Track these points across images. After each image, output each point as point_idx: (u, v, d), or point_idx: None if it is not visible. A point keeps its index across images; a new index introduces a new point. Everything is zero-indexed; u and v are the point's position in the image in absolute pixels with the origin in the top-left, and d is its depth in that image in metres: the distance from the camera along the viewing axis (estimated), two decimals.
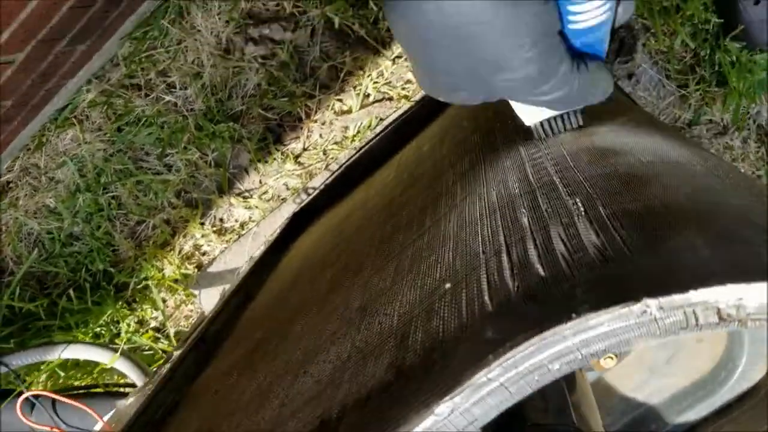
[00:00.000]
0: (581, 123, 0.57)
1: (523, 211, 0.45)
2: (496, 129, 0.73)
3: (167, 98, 1.36)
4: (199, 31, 1.32)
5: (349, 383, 0.42)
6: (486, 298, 0.37)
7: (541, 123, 0.58)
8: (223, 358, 0.82)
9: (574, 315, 0.29)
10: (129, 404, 0.85)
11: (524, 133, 0.64)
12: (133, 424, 0.77)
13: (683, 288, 0.28)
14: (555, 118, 0.57)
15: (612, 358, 0.93)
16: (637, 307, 0.28)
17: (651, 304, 0.29)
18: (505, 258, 0.40)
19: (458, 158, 0.74)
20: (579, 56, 0.50)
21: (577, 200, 0.42)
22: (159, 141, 1.38)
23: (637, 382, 0.96)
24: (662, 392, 0.95)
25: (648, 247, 0.33)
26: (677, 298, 0.28)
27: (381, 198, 0.92)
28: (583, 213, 0.40)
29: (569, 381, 0.80)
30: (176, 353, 0.87)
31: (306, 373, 0.51)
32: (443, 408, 0.30)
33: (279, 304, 0.84)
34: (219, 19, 1.31)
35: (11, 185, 1.46)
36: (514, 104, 0.58)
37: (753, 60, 1.28)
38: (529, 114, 0.58)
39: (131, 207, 1.43)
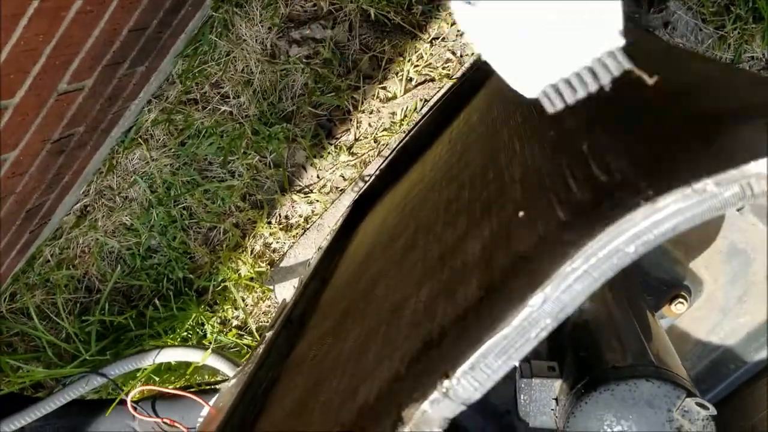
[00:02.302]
0: (629, 67, 0.37)
1: (584, 142, 0.49)
2: None
3: (223, 108, 1.44)
4: (244, 40, 1.39)
5: (444, 311, 0.47)
6: (559, 212, 0.42)
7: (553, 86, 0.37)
8: (312, 332, 0.88)
9: (642, 201, 0.34)
10: (231, 385, 0.92)
11: None
12: (239, 401, 0.84)
13: (737, 164, 0.32)
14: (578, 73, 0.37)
15: (683, 303, 0.96)
16: (698, 186, 0.33)
17: (709, 181, 0.32)
18: (570, 179, 0.45)
19: (509, 116, 0.79)
20: None
21: (635, 119, 0.46)
22: (220, 150, 1.46)
23: (711, 324, 0.98)
24: (738, 332, 0.97)
25: (702, 144, 0.37)
26: (731, 174, 0.32)
27: (438, 170, 0.97)
28: (641, 131, 0.44)
29: (644, 328, 0.83)
30: (268, 335, 0.94)
31: (400, 318, 0.56)
32: (536, 299, 0.35)
33: (356, 278, 0.89)
34: (262, 26, 1.38)
35: (89, 208, 1.56)
36: (506, 77, 0.37)
37: None
38: (529, 80, 0.37)
39: (202, 215, 1.51)
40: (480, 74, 1.27)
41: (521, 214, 0.47)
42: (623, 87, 0.60)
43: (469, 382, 0.36)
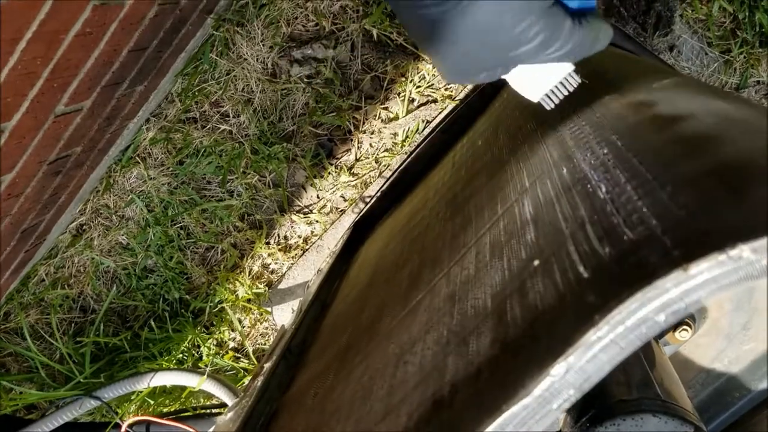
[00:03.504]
0: (579, 81, 0.66)
1: (601, 185, 0.47)
2: (552, 113, 0.75)
3: (222, 127, 1.42)
4: (245, 59, 1.37)
5: (455, 364, 0.44)
6: (580, 267, 0.39)
7: (546, 95, 0.66)
8: (312, 364, 0.85)
9: (673, 268, 0.32)
10: (228, 419, 0.90)
11: (581, 110, 0.66)
12: None
13: None
14: (555, 87, 0.65)
15: (687, 330, 0.94)
16: (733, 252, 0.30)
17: (745, 248, 0.30)
18: (589, 228, 0.43)
19: (518, 146, 0.77)
20: (577, 14, 0.57)
21: (655, 165, 0.44)
22: (219, 169, 1.44)
23: (715, 352, 0.96)
24: (742, 360, 0.95)
25: (732, 199, 0.35)
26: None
27: (441, 196, 0.95)
28: (662, 178, 0.42)
29: (648, 356, 0.81)
30: (266, 365, 0.91)
31: (406, 363, 0.54)
32: (558, 369, 0.33)
33: (358, 307, 0.87)
34: (263, 45, 1.36)
35: (84, 227, 1.54)
36: (516, 86, 0.66)
37: None
38: (532, 91, 0.66)
39: (199, 235, 1.49)
40: (483, 96, 1.26)
41: (536, 263, 0.45)
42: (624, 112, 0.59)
43: None
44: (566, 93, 0.66)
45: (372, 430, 0.48)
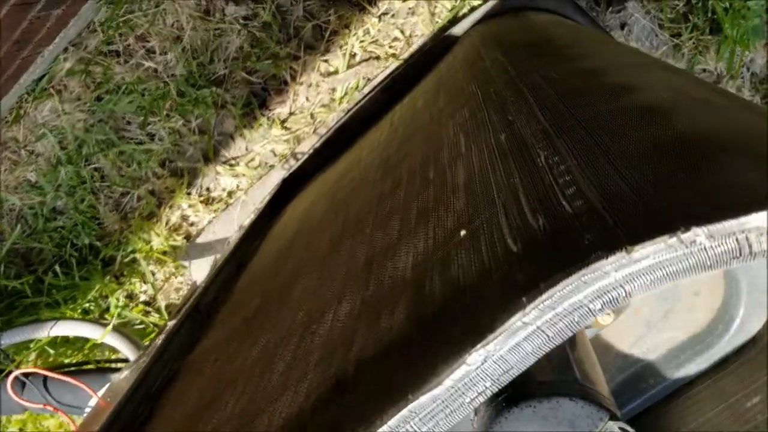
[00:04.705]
0: None
1: (539, 151, 0.43)
2: (497, 76, 0.70)
3: (147, 64, 1.32)
4: None
5: (363, 340, 0.39)
6: (509, 240, 0.35)
7: None
8: (219, 327, 0.79)
9: (614, 249, 0.27)
10: (123, 378, 0.83)
11: (529, 78, 0.61)
12: (130, 397, 0.74)
13: (733, 213, 0.26)
14: None
15: (609, 314, 0.92)
16: (686, 236, 0.26)
17: (699, 232, 0.26)
18: (523, 199, 0.38)
19: (457, 109, 0.72)
20: None
21: (601, 134, 0.39)
22: (140, 109, 1.33)
23: (635, 337, 0.95)
24: (660, 347, 0.94)
25: (687, 176, 0.30)
26: (728, 225, 0.26)
27: (375, 157, 0.89)
28: (610, 147, 0.37)
29: (570, 338, 0.79)
30: (170, 324, 0.85)
31: (313, 333, 0.48)
32: (476, 357, 0.28)
33: (274, 270, 0.81)
34: None
35: None
36: None
37: (746, 6, 1.25)
38: None
39: (115, 178, 1.39)
40: (428, 57, 1.20)
41: (463, 233, 0.40)
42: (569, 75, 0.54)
43: None
44: None
45: (263, 410, 0.43)
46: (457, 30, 1.18)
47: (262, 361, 0.53)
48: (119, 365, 1.28)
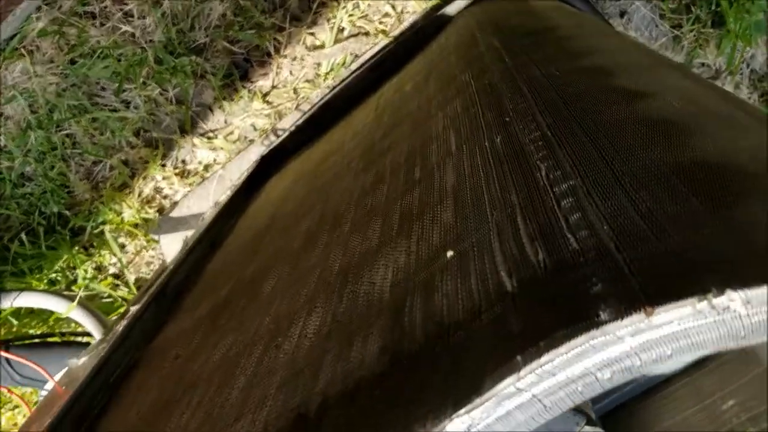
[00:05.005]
0: None
1: (539, 164, 0.38)
2: (492, 65, 0.65)
3: (124, 28, 1.24)
4: None
5: (332, 368, 0.35)
6: (503, 273, 0.30)
7: None
8: (185, 315, 0.75)
9: (631, 308, 0.23)
10: (81, 364, 0.78)
11: (527, 71, 0.56)
12: (87, 384, 0.70)
13: None
14: None
15: None
16: (718, 301, 0.22)
17: (735, 297, 0.22)
18: (521, 222, 0.33)
19: (448, 99, 0.67)
20: None
21: (610, 149, 0.35)
22: (116, 75, 1.27)
23: None
24: None
25: (713, 219, 0.26)
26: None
27: (359, 142, 0.84)
28: (621, 167, 0.33)
29: None
30: (133, 309, 0.80)
31: (278, 347, 0.44)
32: (458, 424, 0.24)
33: (247, 256, 0.76)
34: None
35: None
36: None
37: (751, 0, 1.21)
38: None
39: (87, 146, 1.33)
40: (420, 36, 1.14)
41: (450, 254, 0.36)
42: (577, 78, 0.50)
43: None
44: None
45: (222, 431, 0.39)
46: (451, 9, 1.12)
47: (222, 370, 0.48)
48: (85, 339, 1.23)
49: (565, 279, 0.27)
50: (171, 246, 1.31)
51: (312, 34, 1.28)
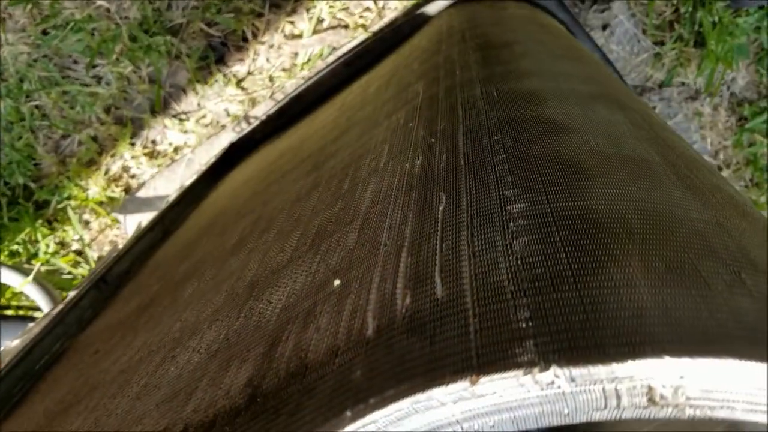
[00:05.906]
0: None
1: (441, 195, 0.37)
2: (444, 78, 0.64)
3: (99, 2, 1.22)
4: None
5: (203, 393, 0.34)
6: (369, 315, 0.29)
7: None
8: (118, 306, 0.73)
9: (459, 372, 0.22)
10: (14, 346, 0.77)
11: (469, 90, 0.55)
12: (9, 371, 0.69)
13: (606, 354, 0.21)
14: None
15: None
16: (542, 377, 0.21)
17: (560, 374, 0.21)
18: (405, 259, 0.32)
19: (396, 108, 0.65)
20: None
21: (512, 188, 0.33)
22: (88, 49, 1.25)
23: None
24: None
25: (572, 282, 0.25)
26: (596, 371, 0.21)
27: (315, 142, 0.83)
28: (512, 208, 0.32)
29: None
30: (70, 294, 0.79)
31: (174, 358, 0.43)
32: None
33: (185, 251, 0.75)
34: None
35: None
36: None
37: (735, 22, 1.19)
38: None
39: (56, 119, 1.31)
40: (398, 34, 1.12)
41: (337, 283, 0.35)
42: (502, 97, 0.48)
43: None
44: None
45: None
46: (432, 9, 1.11)
47: (123, 376, 0.47)
48: (41, 314, 1.22)
49: (416, 332, 0.26)
50: (134, 226, 1.29)
51: (291, 22, 1.26)
